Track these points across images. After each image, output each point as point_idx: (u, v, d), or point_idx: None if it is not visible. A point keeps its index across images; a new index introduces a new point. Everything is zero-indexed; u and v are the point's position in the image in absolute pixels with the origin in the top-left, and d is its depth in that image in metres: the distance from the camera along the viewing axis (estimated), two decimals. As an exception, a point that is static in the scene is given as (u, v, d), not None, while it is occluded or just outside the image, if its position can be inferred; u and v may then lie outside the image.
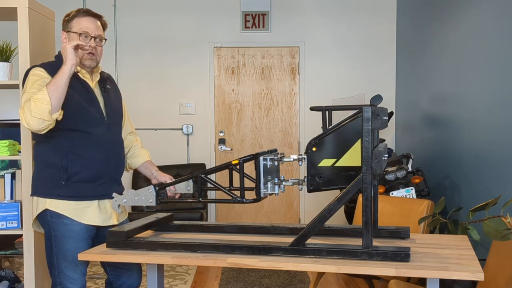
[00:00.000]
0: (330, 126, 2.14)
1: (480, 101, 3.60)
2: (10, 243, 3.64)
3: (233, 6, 5.86)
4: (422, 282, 3.00)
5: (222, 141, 5.94)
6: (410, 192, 3.94)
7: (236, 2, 5.85)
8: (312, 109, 2.25)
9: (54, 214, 2.44)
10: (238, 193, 2.20)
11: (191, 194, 2.42)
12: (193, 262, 2.06)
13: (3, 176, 2.92)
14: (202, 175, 2.25)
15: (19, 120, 2.31)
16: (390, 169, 4.21)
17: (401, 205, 3.49)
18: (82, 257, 2.21)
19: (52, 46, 3.09)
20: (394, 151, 5.44)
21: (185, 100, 5.92)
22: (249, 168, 2.20)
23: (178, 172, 5.58)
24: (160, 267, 2.41)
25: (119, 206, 2.40)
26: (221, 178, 5.67)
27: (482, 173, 3.56)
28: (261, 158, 2.12)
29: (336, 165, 2.10)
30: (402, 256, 1.94)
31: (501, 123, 3.28)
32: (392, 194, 3.95)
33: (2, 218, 2.81)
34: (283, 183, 2.24)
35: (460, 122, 3.96)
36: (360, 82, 5.86)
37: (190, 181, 2.36)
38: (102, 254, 2.18)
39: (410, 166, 4.22)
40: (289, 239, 2.09)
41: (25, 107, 2.27)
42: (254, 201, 2.16)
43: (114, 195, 2.38)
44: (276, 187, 2.23)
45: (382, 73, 5.88)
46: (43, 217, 2.47)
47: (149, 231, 2.51)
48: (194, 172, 2.62)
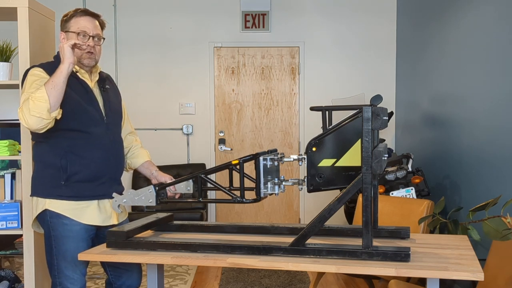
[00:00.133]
0: (330, 126, 2.14)
1: (480, 101, 3.60)
2: (10, 243, 3.64)
3: (233, 6, 5.86)
4: (422, 282, 3.00)
5: (222, 141, 5.94)
6: (410, 192, 3.94)
7: (236, 2, 5.85)
8: (312, 109, 2.25)
9: (54, 214, 2.44)
10: (238, 193, 2.20)
11: (191, 194, 2.42)
12: (193, 262, 2.06)
13: (3, 176, 2.92)
14: (202, 175, 2.25)
15: (19, 120, 2.31)
16: (390, 169, 4.21)
17: (401, 205, 3.49)
18: (82, 257, 2.21)
19: (52, 46, 3.09)
20: (394, 151, 5.44)
21: (185, 100, 5.92)
22: (249, 168, 2.20)
23: (178, 172, 5.58)
24: (160, 267, 2.41)
25: (119, 206, 2.40)
26: (221, 178, 5.67)
27: (482, 173, 3.56)
28: (261, 158, 2.12)
29: (336, 165, 2.10)
30: (402, 256, 1.94)
31: (501, 123, 3.28)
32: (392, 194, 3.95)
33: (2, 218, 2.81)
34: (283, 183, 2.24)
35: (460, 122, 3.96)
36: (360, 82, 5.86)
37: (190, 181, 2.36)
38: (102, 254, 2.18)
39: (410, 166, 4.21)
40: (289, 239, 2.09)
41: (23, 106, 2.27)
42: (254, 201, 2.16)
43: (114, 195, 2.38)
44: (276, 187, 2.23)
45: (382, 73, 5.88)
46: (43, 217, 2.47)
47: (149, 231, 2.51)
48: (194, 172, 2.62)
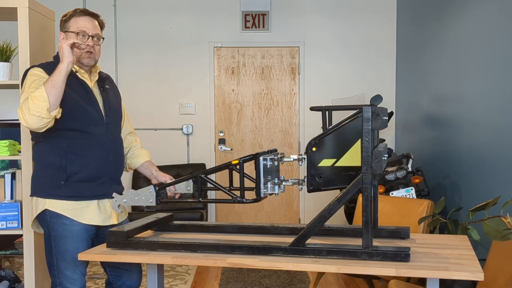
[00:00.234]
0: (330, 126, 2.14)
1: (480, 101, 3.60)
2: (10, 243, 3.64)
3: (233, 6, 5.86)
4: (422, 282, 2.99)
5: (222, 141, 5.94)
6: (410, 192, 3.94)
7: (236, 2, 5.85)
8: (312, 109, 2.25)
9: (54, 214, 2.44)
10: (238, 193, 2.20)
11: (191, 194, 2.42)
12: (193, 262, 2.06)
13: (3, 176, 2.92)
14: (202, 175, 2.25)
15: (19, 119, 2.31)
16: (390, 169, 4.21)
17: (401, 205, 3.49)
18: (82, 257, 2.21)
19: (52, 46, 3.09)
20: (394, 151, 5.44)
21: (185, 100, 5.92)
22: (249, 168, 2.20)
23: (178, 172, 5.58)
24: (160, 267, 2.41)
25: (119, 206, 2.40)
26: (221, 178, 5.67)
27: (482, 173, 3.56)
28: (261, 158, 2.12)
29: (336, 165, 2.10)
30: (402, 256, 1.94)
31: (501, 123, 3.28)
32: (392, 194, 3.94)
33: (2, 218, 2.81)
34: (283, 183, 2.24)
35: (460, 122, 3.96)
36: (360, 82, 5.86)
37: (190, 181, 2.36)
38: (102, 254, 2.18)
39: (410, 166, 4.21)
40: (289, 239, 2.09)
41: (23, 106, 2.28)
42: (254, 201, 2.16)
43: (114, 195, 2.38)
44: (276, 187, 2.23)
45: (382, 73, 5.88)
46: (43, 217, 2.47)
47: (149, 231, 2.51)
48: (194, 172, 2.62)
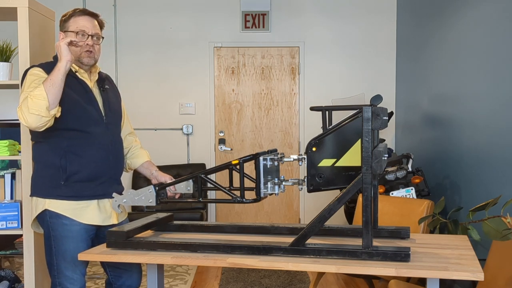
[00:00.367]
0: (330, 126, 2.14)
1: (480, 101, 3.60)
2: (10, 243, 3.64)
3: (233, 6, 5.86)
4: (422, 282, 2.99)
5: (222, 141, 5.94)
6: (410, 192, 3.94)
7: (236, 2, 5.85)
8: (312, 109, 2.25)
9: (54, 214, 2.44)
10: (238, 193, 2.20)
11: (191, 194, 2.42)
12: (193, 262, 2.06)
13: (3, 176, 2.92)
14: (202, 175, 2.25)
15: (18, 119, 2.31)
16: (390, 169, 4.21)
17: (401, 205, 3.49)
18: (82, 257, 2.21)
19: (52, 46, 3.09)
20: (394, 151, 5.44)
21: (185, 100, 5.92)
22: (249, 168, 2.20)
23: (178, 172, 5.58)
24: (160, 267, 2.41)
25: (119, 206, 2.40)
26: (221, 178, 5.67)
27: (482, 173, 3.56)
28: (261, 158, 2.12)
29: (336, 165, 2.10)
30: (402, 256, 1.94)
31: (501, 123, 3.28)
32: (392, 194, 3.94)
33: (2, 218, 2.81)
34: (283, 183, 2.24)
35: (460, 122, 3.96)
36: (360, 82, 5.86)
37: (190, 181, 2.36)
38: (102, 254, 2.18)
39: (410, 166, 4.21)
40: (289, 239, 2.09)
41: (22, 105, 2.28)
42: (254, 201, 2.16)
43: (114, 195, 2.38)
44: (276, 187, 2.23)
45: (382, 73, 5.88)
46: (43, 217, 2.47)
47: (149, 231, 2.51)
48: (194, 172, 2.62)
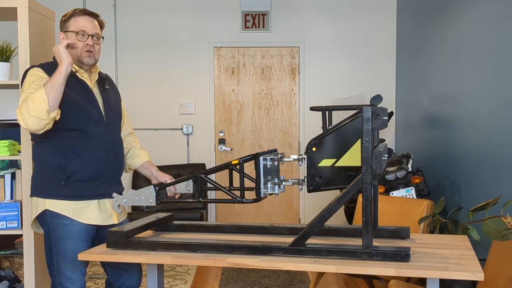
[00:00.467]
0: (330, 126, 2.14)
1: (480, 101, 3.60)
2: (10, 243, 3.64)
3: (233, 6, 5.86)
4: (422, 282, 2.99)
5: (222, 141, 5.94)
6: (410, 192, 3.94)
7: (236, 2, 5.85)
8: (312, 109, 2.25)
9: (54, 214, 2.44)
10: (238, 193, 2.20)
11: (191, 194, 2.42)
12: (193, 262, 2.06)
13: (3, 176, 2.92)
14: (202, 175, 2.25)
15: (18, 121, 2.31)
16: (390, 169, 4.21)
17: (401, 205, 3.49)
18: (82, 257, 2.21)
19: (52, 46, 3.09)
20: (394, 151, 5.44)
21: (185, 100, 5.92)
22: (249, 168, 2.20)
23: (178, 172, 5.58)
24: (160, 267, 2.41)
25: (119, 206, 2.40)
26: (221, 178, 5.67)
27: (482, 173, 3.56)
28: (261, 158, 2.12)
29: (336, 165, 2.10)
30: (402, 256, 1.94)
31: (501, 123, 3.28)
32: (392, 194, 3.94)
33: (2, 218, 2.81)
34: (283, 183, 2.24)
35: (460, 122, 3.96)
36: (360, 82, 5.86)
37: (190, 181, 2.36)
38: (102, 254, 2.18)
39: (410, 166, 4.21)
40: (289, 239, 2.09)
41: (22, 107, 2.28)
42: (254, 201, 2.16)
43: (114, 195, 2.38)
44: (276, 187, 2.23)
45: (382, 73, 5.87)
46: (43, 217, 2.47)
47: (149, 231, 2.51)
48: (194, 172, 2.62)
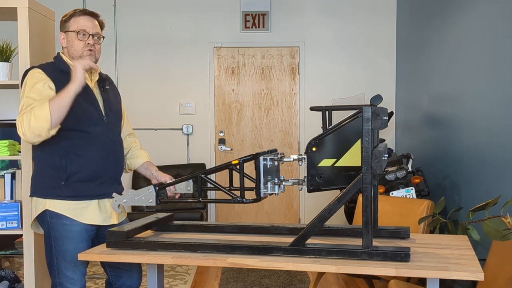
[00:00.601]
0: (330, 126, 2.14)
1: (480, 101, 3.60)
2: (10, 243, 3.64)
3: (233, 6, 5.86)
4: (422, 282, 2.99)
5: (222, 141, 5.94)
6: (410, 192, 3.94)
7: (236, 2, 5.85)
8: (312, 109, 2.25)
9: (54, 214, 2.44)
10: (238, 193, 2.20)
11: (191, 194, 2.42)
12: (193, 262, 2.06)
13: (3, 176, 2.92)
14: (202, 175, 2.25)
15: (17, 128, 2.30)
16: (390, 169, 4.21)
17: (401, 205, 3.49)
18: (82, 257, 2.21)
19: (52, 46, 3.09)
20: (394, 151, 5.44)
21: (185, 100, 5.92)
22: (249, 168, 2.20)
23: (178, 172, 5.58)
24: (160, 267, 2.41)
25: (119, 206, 2.40)
26: (221, 178, 5.67)
27: (482, 173, 3.56)
28: (261, 158, 2.12)
29: (336, 165, 2.10)
30: (402, 256, 1.94)
31: (501, 123, 3.28)
32: (392, 194, 3.94)
33: (2, 218, 2.81)
34: (283, 183, 2.24)
35: (460, 122, 3.96)
36: (360, 82, 5.86)
37: (190, 181, 2.36)
38: (102, 254, 2.18)
39: (410, 166, 4.21)
40: (289, 239, 2.09)
41: (24, 119, 2.26)
42: (254, 201, 2.16)
43: (114, 195, 2.38)
44: (276, 187, 2.23)
45: (382, 73, 5.88)
46: (43, 217, 2.47)
47: (149, 231, 2.51)
48: (194, 172, 2.62)
